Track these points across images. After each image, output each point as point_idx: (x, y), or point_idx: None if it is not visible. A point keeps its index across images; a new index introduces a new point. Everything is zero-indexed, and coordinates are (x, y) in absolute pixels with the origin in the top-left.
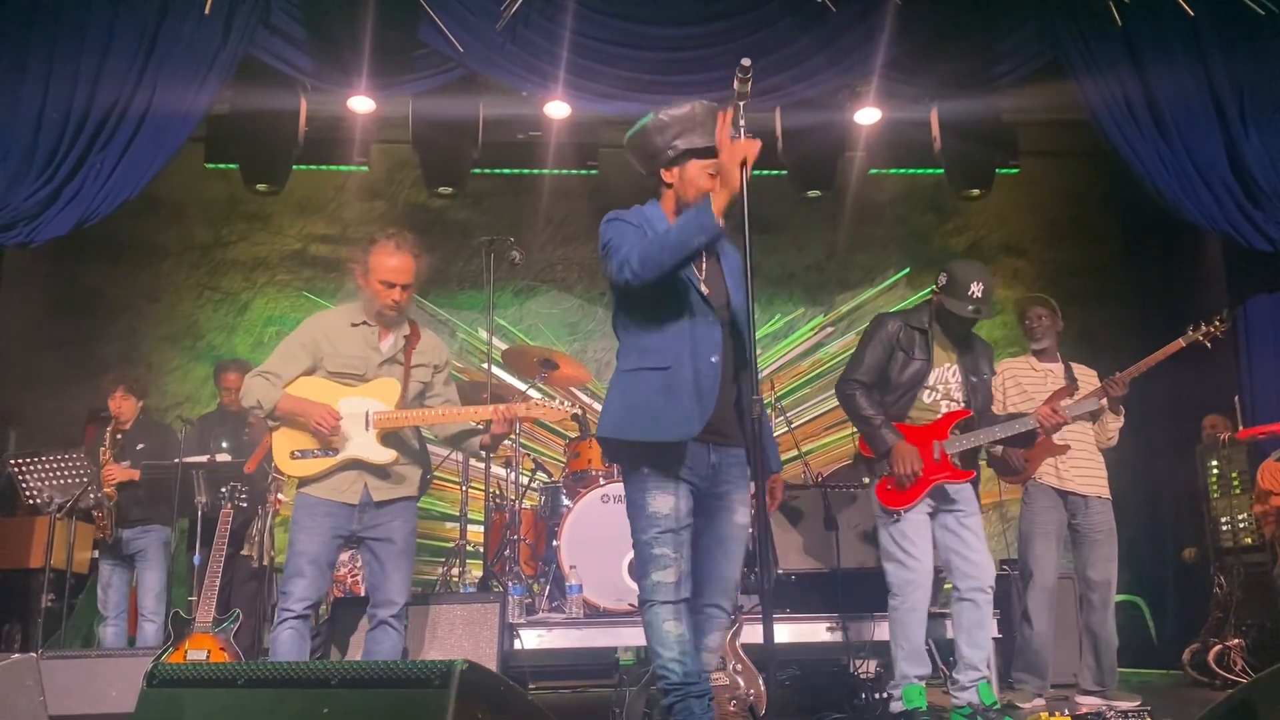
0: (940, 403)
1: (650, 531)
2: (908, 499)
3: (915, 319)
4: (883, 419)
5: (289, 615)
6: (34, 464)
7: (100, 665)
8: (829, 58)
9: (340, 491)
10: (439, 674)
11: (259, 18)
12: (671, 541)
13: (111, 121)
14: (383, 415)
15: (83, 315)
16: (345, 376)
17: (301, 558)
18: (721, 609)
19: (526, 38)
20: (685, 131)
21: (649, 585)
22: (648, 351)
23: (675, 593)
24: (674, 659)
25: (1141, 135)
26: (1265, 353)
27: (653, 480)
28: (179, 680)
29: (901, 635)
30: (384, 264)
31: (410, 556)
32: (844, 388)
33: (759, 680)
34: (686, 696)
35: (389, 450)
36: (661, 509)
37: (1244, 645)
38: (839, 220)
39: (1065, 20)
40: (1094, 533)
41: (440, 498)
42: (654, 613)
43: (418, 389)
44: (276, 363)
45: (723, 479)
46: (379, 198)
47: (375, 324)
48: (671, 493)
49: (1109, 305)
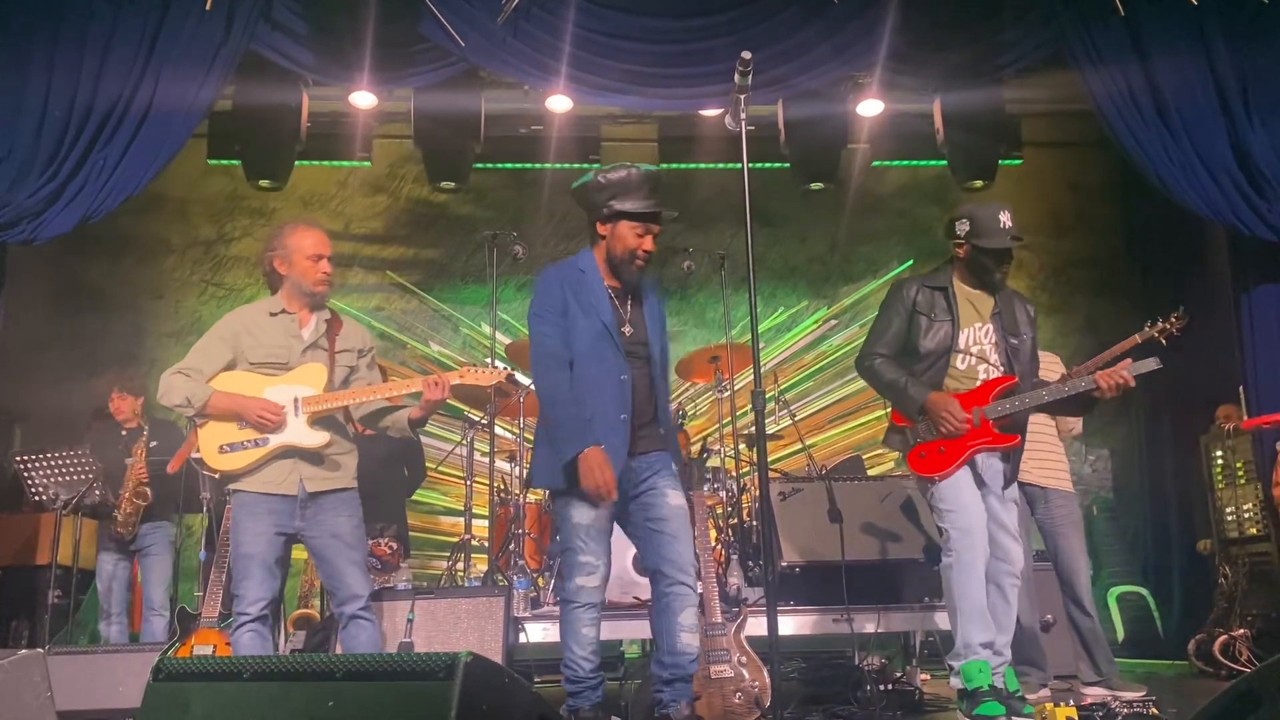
0: (977, 367)
1: (575, 540)
2: (945, 463)
3: (933, 279)
4: (909, 378)
5: (245, 618)
6: (39, 461)
7: (107, 661)
8: (831, 49)
9: (276, 484)
10: (443, 666)
11: (260, 13)
12: (594, 549)
13: (114, 118)
14: (310, 399)
15: (87, 312)
16: (268, 367)
17: (247, 559)
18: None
19: (528, 31)
20: (620, 195)
21: (573, 588)
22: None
23: (595, 595)
24: (584, 657)
25: (1145, 126)
26: (1270, 343)
27: (574, 494)
28: (185, 674)
29: (960, 595)
30: (305, 240)
31: (361, 547)
32: (864, 360)
33: (763, 672)
34: (586, 689)
35: (321, 433)
36: (584, 520)
37: (1249, 635)
38: (842, 212)
39: (1068, 10)
40: (1056, 526)
41: (444, 492)
42: (574, 615)
43: (343, 374)
44: (196, 359)
45: (644, 476)
46: (381, 193)
47: (302, 308)
48: (590, 505)
49: (1112, 296)
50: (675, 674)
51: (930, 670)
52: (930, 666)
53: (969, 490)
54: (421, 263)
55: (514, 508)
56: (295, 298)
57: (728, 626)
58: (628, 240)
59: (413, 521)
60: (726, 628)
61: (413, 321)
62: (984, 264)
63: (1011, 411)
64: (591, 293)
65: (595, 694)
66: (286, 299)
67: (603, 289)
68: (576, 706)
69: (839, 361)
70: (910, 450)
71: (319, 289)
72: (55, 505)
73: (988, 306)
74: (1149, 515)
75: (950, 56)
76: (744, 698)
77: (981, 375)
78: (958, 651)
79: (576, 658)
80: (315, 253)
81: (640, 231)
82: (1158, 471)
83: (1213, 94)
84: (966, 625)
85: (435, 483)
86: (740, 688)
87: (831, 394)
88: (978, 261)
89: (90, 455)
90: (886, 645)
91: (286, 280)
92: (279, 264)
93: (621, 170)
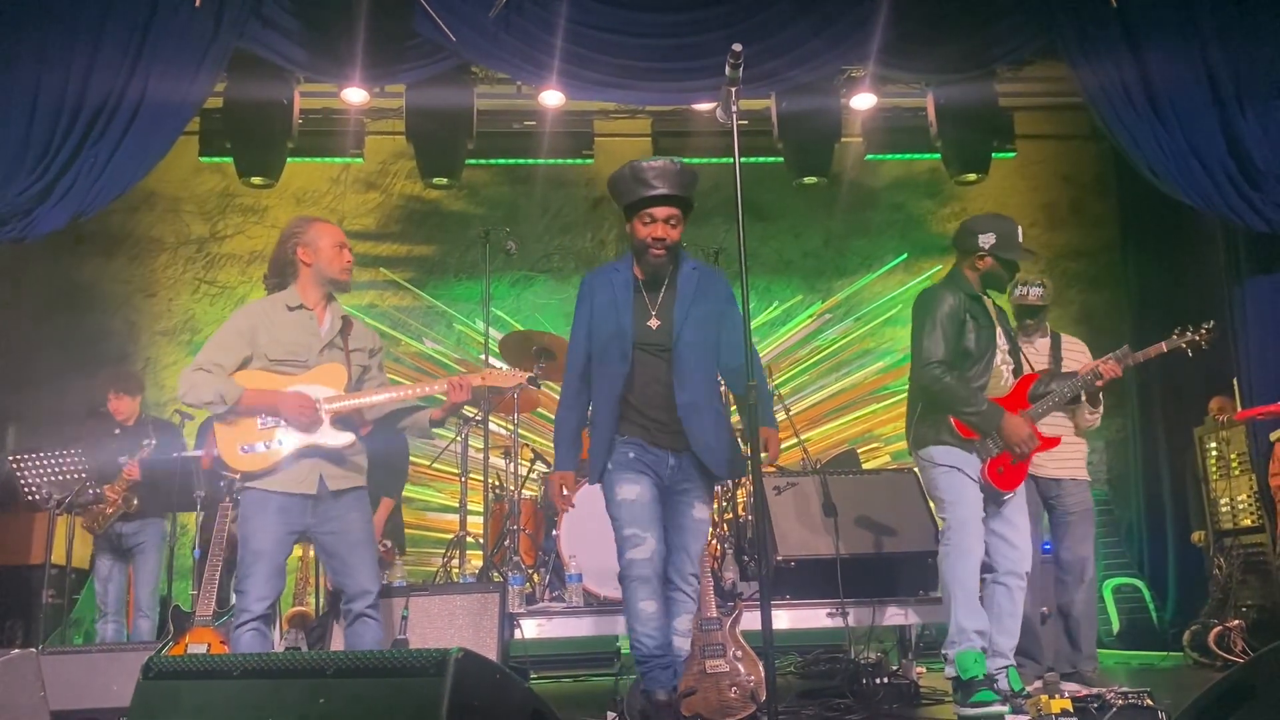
0: (1001, 367)
1: (622, 516)
2: (1019, 476)
3: (966, 287)
4: (976, 394)
5: (249, 616)
6: (33, 460)
7: (101, 660)
8: (824, 43)
9: (296, 482)
10: (434, 663)
11: (251, 9)
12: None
13: (105, 115)
14: (334, 398)
15: (79, 311)
16: (288, 364)
17: (255, 556)
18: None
19: (520, 26)
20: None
21: (625, 563)
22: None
23: (647, 567)
24: (646, 634)
25: (1138, 117)
26: (1263, 334)
27: (617, 474)
28: (176, 672)
29: (955, 581)
30: (329, 229)
31: (372, 545)
32: (929, 371)
33: (759, 667)
34: (655, 668)
35: (345, 433)
36: (629, 496)
37: (1244, 626)
38: (836, 206)
39: (1061, 2)
40: (1067, 513)
41: (439, 489)
42: (632, 590)
43: (357, 373)
44: (216, 354)
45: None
46: (374, 189)
47: (318, 302)
48: (635, 483)
49: (1107, 288)
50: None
51: (926, 663)
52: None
53: (971, 483)
54: (414, 259)
55: (509, 504)
56: (313, 289)
57: (723, 621)
58: (638, 231)
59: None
60: (722, 622)
61: (406, 318)
62: (1000, 275)
63: (1049, 411)
64: (615, 291)
65: (666, 674)
66: (303, 292)
67: (629, 287)
68: (649, 690)
69: (834, 355)
70: (988, 464)
71: (343, 277)
72: (49, 505)
73: (994, 312)
74: (1143, 507)
75: (942, 50)
76: (740, 692)
77: (1005, 376)
78: (952, 639)
79: (638, 635)
80: (339, 241)
81: (646, 220)
82: (1152, 463)
83: (1205, 85)
84: (960, 611)
85: (430, 479)
86: (736, 682)
87: (826, 388)
88: (996, 273)
89: (84, 455)
90: (882, 639)
91: (309, 270)
92: (303, 252)
93: (624, 169)
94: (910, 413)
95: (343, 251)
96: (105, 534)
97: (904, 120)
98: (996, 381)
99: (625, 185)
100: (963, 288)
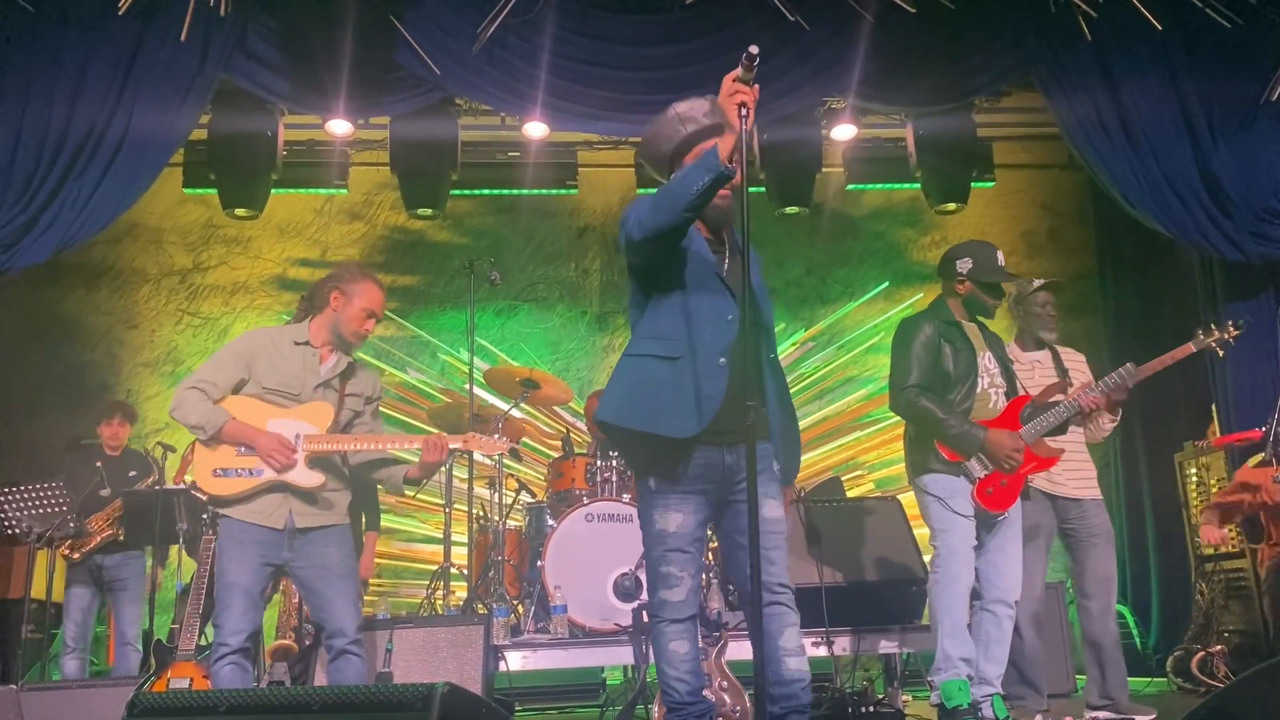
0: (989, 391)
1: (657, 549)
2: (1011, 497)
3: (943, 314)
4: (959, 416)
5: (226, 650)
6: (12, 494)
7: (82, 696)
8: (805, 74)
9: (265, 515)
10: (420, 697)
11: (235, 43)
12: (678, 560)
13: (89, 147)
14: (312, 438)
15: (61, 342)
16: (279, 395)
17: (232, 589)
18: (782, 603)
19: (504, 59)
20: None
21: (657, 602)
22: (657, 339)
23: (682, 611)
24: (678, 678)
25: (1112, 148)
26: (1240, 360)
27: (659, 497)
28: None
29: (944, 609)
30: (373, 293)
31: (353, 580)
32: (903, 396)
33: (744, 697)
34: (688, 716)
35: (316, 474)
36: (669, 527)
37: (1226, 651)
38: (818, 235)
39: (1037, 36)
40: (1090, 536)
41: (423, 519)
42: (660, 631)
43: (348, 416)
44: (212, 373)
45: (742, 477)
46: (358, 220)
47: (325, 345)
48: (679, 509)
49: (1085, 315)
50: (788, 706)
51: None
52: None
53: (961, 511)
54: (399, 289)
55: (493, 535)
56: (325, 331)
57: (708, 651)
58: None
59: (390, 550)
60: (707, 653)
61: (390, 348)
62: (982, 299)
63: (1045, 431)
64: (692, 240)
65: None
66: (315, 329)
67: (702, 240)
68: None
69: (817, 383)
70: (977, 486)
71: (353, 340)
72: (29, 538)
73: (980, 337)
74: (1125, 532)
75: (922, 82)
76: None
77: (993, 395)
78: (938, 665)
79: (669, 679)
80: (371, 309)
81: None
82: (1133, 488)
83: (1178, 117)
84: (946, 639)
85: (414, 510)
86: (722, 713)
87: (809, 415)
88: (977, 298)
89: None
90: (868, 667)
91: (331, 314)
92: (336, 297)
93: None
94: (905, 441)
95: (367, 320)
96: (85, 564)
97: (884, 150)
98: (985, 404)
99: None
100: (941, 315)
